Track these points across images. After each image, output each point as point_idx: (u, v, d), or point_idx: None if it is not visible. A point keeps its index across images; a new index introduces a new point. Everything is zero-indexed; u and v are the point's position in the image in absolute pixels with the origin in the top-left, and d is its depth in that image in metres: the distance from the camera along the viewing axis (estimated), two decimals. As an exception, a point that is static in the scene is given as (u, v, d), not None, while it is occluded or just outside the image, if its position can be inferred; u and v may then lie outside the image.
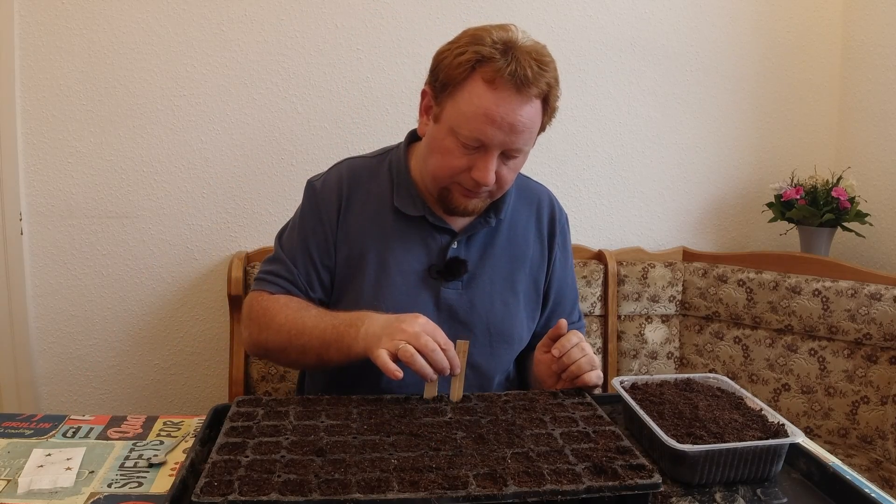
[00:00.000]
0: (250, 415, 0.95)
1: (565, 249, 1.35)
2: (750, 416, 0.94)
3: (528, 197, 1.32)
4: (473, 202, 1.17)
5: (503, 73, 1.06)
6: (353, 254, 1.22)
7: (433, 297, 1.21)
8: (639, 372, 2.01)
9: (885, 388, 1.75)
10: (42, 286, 1.94)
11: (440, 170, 1.15)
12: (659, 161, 2.13)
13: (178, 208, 1.95)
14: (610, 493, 0.78)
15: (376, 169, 1.27)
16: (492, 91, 1.07)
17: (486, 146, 1.09)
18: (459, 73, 1.09)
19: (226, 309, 1.90)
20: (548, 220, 1.32)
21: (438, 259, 1.22)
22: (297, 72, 1.94)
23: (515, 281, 1.26)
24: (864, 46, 2.05)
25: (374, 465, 0.81)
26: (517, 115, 1.07)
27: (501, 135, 1.08)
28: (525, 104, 1.08)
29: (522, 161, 1.17)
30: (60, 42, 1.84)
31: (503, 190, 1.18)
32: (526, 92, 1.07)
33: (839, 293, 1.82)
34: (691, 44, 2.08)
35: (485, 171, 1.10)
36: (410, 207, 1.21)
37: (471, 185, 1.13)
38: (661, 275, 2.02)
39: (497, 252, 1.25)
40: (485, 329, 1.22)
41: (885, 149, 1.99)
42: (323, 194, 1.25)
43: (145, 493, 0.87)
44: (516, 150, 1.11)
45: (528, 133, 1.11)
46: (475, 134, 1.08)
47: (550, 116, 1.16)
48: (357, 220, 1.23)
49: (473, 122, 1.08)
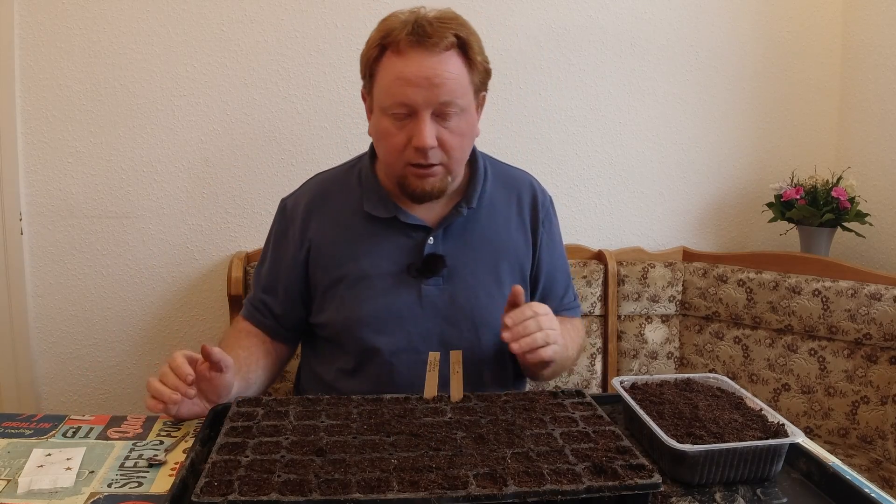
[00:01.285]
0: (250, 415, 0.95)
1: (552, 231, 1.34)
2: (750, 416, 0.94)
3: (507, 183, 1.31)
4: (430, 182, 1.15)
5: (404, 36, 1.09)
6: (330, 265, 1.23)
7: (415, 295, 1.21)
8: (639, 372, 2.01)
9: (885, 388, 1.75)
10: (42, 286, 1.94)
11: (387, 154, 1.17)
12: (659, 161, 2.14)
13: (178, 208, 1.96)
14: (610, 493, 0.78)
15: (346, 179, 1.29)
16: (399, 56, 1.10)
17: (413, 109, 1.10)
18: (372, 55, 1.13)
19: (226, 309, 1.90)
20: (530, 205, 1.31)
21: (416, 257, 1.21)
22: (297, 72, 1.94)
23: (499, 271, 1.25)
24: (864, 46, 2.05)
25: (374, 465, 0.81)
26: (429, 68, 1.09)
27: (422, 91, 1.09)
28: (433, 56, 1.09)
29: (466, 124, 1.15)
30: (60, 42, 1.85)
31: (455, 159, 1.16)
32: (430, 45, 1.09)
33: (839, 293, 1.82)
34: (691, 44, 2.08)
35: (420, 134, 1.10)
36: (381, 210, 1.22)
37: (417, 158, 1.12)
38: (661, 275, 2.02)
39: (477, 243, 1.24)
40: (470, 322, 1.22)
41: (885, 149, 1.99)
42: (292, 212, 1.29)
43: (145, 493, 0.87)
44: (445, 104, 1.10)
45: (450, 85, 1.10)
46: (397, 99, 1.10)
47: (482, 73, 1.17)
48: (330, 231, 1.24)
49: (392, 90, 1.10)
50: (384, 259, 1.21)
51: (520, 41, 2.01)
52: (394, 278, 1.21)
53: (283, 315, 1.28)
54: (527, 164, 1.43)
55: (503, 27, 1.99)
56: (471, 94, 1.15)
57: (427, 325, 1.20)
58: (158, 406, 1.02)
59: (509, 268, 1.26)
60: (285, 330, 1.30)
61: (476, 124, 1.20)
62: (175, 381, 1.02)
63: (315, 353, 1.32)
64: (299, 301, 1.28)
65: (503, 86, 2.02)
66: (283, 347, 1.31)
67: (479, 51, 1.15)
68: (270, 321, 1.29)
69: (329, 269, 1.23)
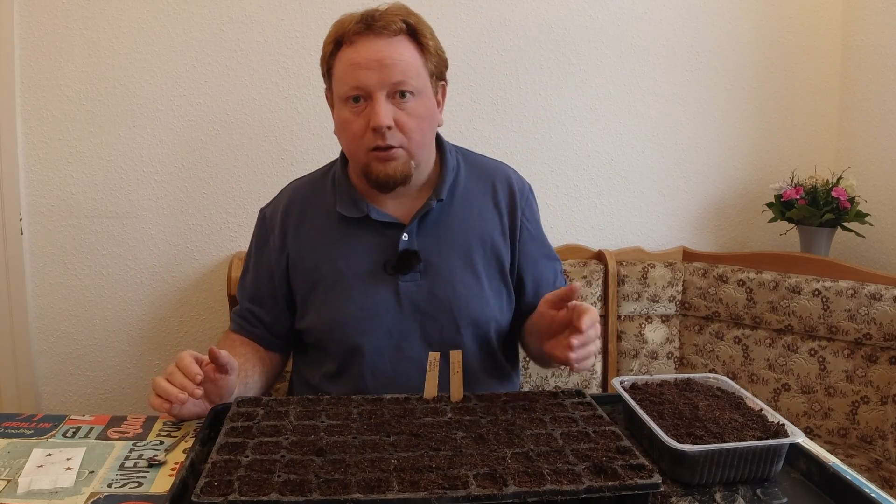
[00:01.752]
0: (250, 415, 0.95)
1: (533, 219, 1.33)
2: (750, 416, 0.94)
3: (482, 174, 1.31)
4: (392, 166, 1.16)
5: (353, 27, 1.13)
6: (309, 268, 1.24)
7: (392, 292, 1.21)
8: (639, 372, 2.01)
9: (885, 388, 1.75)
10: (42, 286, 1.94)
11: (349, 144, 1.19)
12: (659, 161, 2.14)
13: (178, 208, 1.96)
14: (610, 493, 0.78)
15: (320, 183, 1.31)
16: (352, 47, 1.14)
17: (368, 91, 1.13)
18: (328, 52, 1.18)
19: (226, 309, 1.90)
20: (506, 194, 1.30)
21: (391, 254, 1.21)
22: (297, 72, 1.94)
23: (475, 262, 1.24)
24: (864, 46, 2.05)
25: (374, 465, 0.81)
26: (379, 50, 1.12)
27: (374, 73, 1.12)
28: (383, 39, 1.13)
29: (423, 108, 1.17)
30: (60, 42, 1.85)
31: (414, 141, 1.16)
32: (378, 29, 1.12)
33: (839, 293, 1.82)
34: (691, 44, 2.08)
35: (376, 114, 1.12)
36: (353, 210, 1.23)
37: (376, 140, 1.14)
38: (661, 275, 2.02)
39: (452, 236, 1.24)
40: (450, 315, 1.21)
41: (885, 149, 1.99)
42: (271, 221, 1.30)
43: (145, 493, 0.87)
44: (398, 84, 1.13)
45: (401, 66, 1.13)
46: (351, 83, 1.13)
47: (435, 58, 1.19)
48: (307, 235, 1.25)
49: (346, 78, 1.14)
50: (360, 259, 1.22)
51: (520, 41, 2.01)
52: (371, 277, 1.21)
53: (272, 323, 1.29)
54: (527, 164, 1.43)
55: (503, 27, 1.99)
56: (425, 78, 1.17)
57: (407, 321, 1.21)
58: (165, 405, 1.02)
59: (485, 258, 1.25)
60: (276, 338, 1.30)
61: (436, 110, 1.22)
62: (182, 381, 1.02)
63: (303, 359, 1.33)
64: (286, 308, 1.28)
65: (503, 86, 2.02)
66: (275, 356, 1.32)
67: (430, 36, 1.18)
68: (260, 330, 1.29)
69: (308, 273, 1.24)
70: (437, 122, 1.23)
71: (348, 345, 1.21)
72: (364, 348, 1.20)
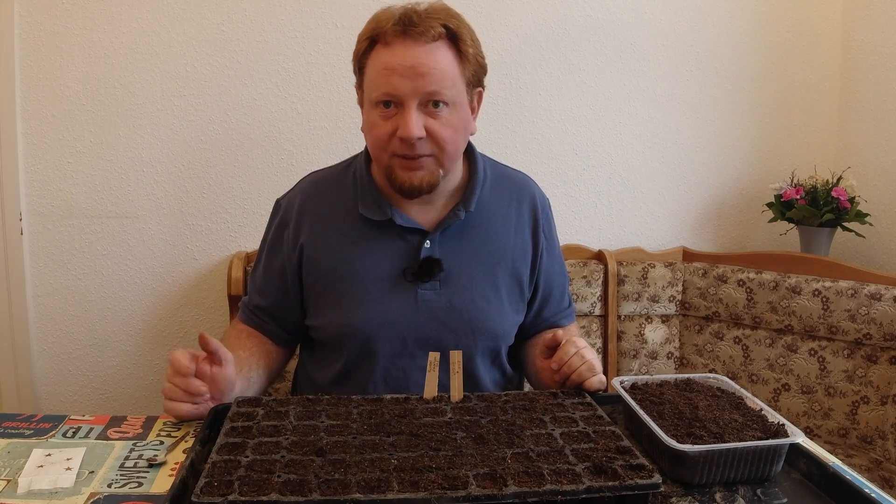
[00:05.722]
0: (250, 415, 0.95)
1: (551, 236, 1.32)
2: (750, 416, 0.94)
3: (506, 186, 1.28)
4: (419, 175, 1.13)
5: (391, 28, 1.08)
6: (325, 267, 1.21)
7: (411, 299, 1.18)
8: (639, 372, 2.01)
9: (885, 388, 1.75)
10: (42, 286, 1.94)
11: (374, 146, 1.15)
12: (659, 161, 2.14)
13: (178, 208, 1.96)
14: (610, 493, 0.78)
15: (341, 179, 1.27)
16: (387, 48, 1.09)
17: (399, 99, 1.09)
18: (362, 49, 1.13)
19: (226, 309, 1.90)
20: (529, 208, 1.28)
21: (412, 261, 1.19)
22: (297, 72, 1.94)
23: (496, 275, 1.23)
24: (864, 46, 2.05)
25: (374, 465, 0.81)
26: (415, 57, 1.07)
27: (408, 82, 1.07)
28: (420, 46, 1.08)
29: (457, 118, 1.13)
30: (60, 42, 1.85)
31: (446, 152, 1.13)
32: (416, 34, 1.08)
33: (839, 293, 1.82)
34: (691, 44, 2.08)
35: (405, 124, 1.08)
36: (376, 213, 1.20)
37: (403, 149, 1.11)
38: (661, 275, 2.02)
39: (474, 247, 1.22)
40: (467, 327, 1.20)
41: (885, 149, 1.99)
42: (286, 212, 1.26)
43: (145, 493, 0.87)
44: (431, 94, 1.09)
45: (436, 75, 1.08)
46: (383, 89, 1.09)
47: (474, 65, 1.14)
48: (324, 233, 1.22)
49: (378, 81, 1.10)
50: (379, 263, 1.19)
51: (520, 41, 2.01)
52: (389, 282, 1.19)
53: (280, 318, 1.27)
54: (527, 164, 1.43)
55: (503, 26, 1.99)
56: (461, 87, 1.13)
57: (423, 329, 1.18)
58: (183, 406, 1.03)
59: (506, 271, 1.24)
60: (283, 332, 1.28)
61: (470, 120, 1.18)
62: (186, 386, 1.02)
63: (311, 356, 1.31)
64: (296, 303, 1.26)
65: (503, 86, 2.02)
66: (281, 349, 1.30)
67: (471, 43, 1.13)
68: (268, 324, 1.27)
69: (323, 272, 1.21)
70: (471, 130, 1.20)
71: (362, 348, 1.19)
72: (377, 353, 1.19)
